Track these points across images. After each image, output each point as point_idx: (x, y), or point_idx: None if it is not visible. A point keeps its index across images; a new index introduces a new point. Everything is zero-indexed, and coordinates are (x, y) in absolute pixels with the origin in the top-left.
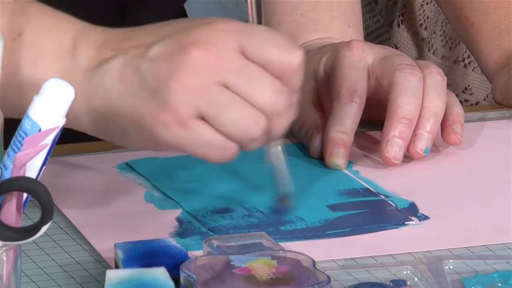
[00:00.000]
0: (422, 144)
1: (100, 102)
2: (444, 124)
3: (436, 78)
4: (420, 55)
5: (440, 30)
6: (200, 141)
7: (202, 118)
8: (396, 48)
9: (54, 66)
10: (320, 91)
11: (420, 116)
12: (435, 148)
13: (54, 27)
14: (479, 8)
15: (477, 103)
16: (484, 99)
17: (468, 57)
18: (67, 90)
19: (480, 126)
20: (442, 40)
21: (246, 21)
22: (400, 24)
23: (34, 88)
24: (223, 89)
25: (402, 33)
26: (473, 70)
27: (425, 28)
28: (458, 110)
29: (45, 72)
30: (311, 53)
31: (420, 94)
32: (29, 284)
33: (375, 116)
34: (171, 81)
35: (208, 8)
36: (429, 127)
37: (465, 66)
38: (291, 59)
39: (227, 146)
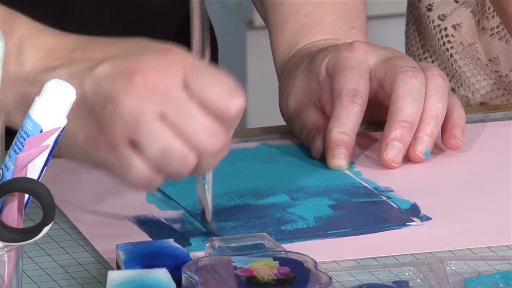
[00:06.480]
0: (422, 147)
1: None
2: (444, 128)
3: (438, 81)
4: None
5: None
6: (126, 168)
7: (133, 145)
8: None
9: None
10: (322, 92)
11: (420, 119)
12: (436, 149)
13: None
14: None
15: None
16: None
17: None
18: (68, 91)
19: (481, 127)
20: None
21: (249, 21)
22: None
23: None
24: (158, 120)
25: None
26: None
27: None
28: (459, 113)
29: None
30: (313, 54)
31: (422, 97)
32: (31, 285)
33: (376, 118)
34: (108, 104)
35: (210, 8)
36: (430, 130)
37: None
38: (231, 106)
39: (151, 177)
